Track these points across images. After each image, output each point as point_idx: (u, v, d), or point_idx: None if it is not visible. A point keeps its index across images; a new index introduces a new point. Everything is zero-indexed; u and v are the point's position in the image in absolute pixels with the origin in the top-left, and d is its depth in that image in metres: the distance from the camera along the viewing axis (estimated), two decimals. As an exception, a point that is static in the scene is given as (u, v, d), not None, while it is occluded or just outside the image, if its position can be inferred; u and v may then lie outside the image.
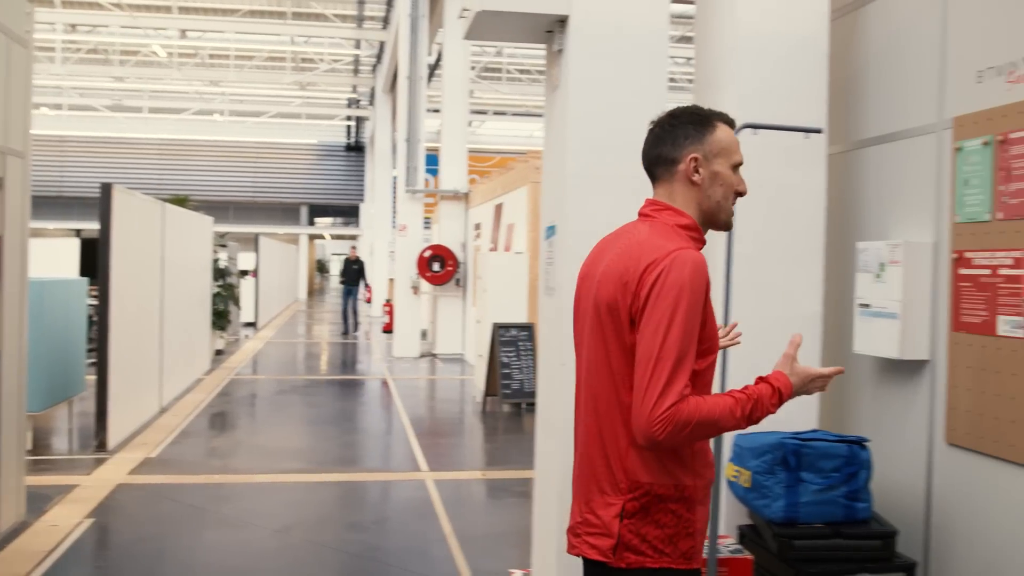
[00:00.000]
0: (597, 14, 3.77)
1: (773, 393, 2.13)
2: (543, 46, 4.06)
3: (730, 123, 2.32)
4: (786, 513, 3.32)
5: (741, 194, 2.31)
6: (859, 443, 3.42)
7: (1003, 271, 3.17)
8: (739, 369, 3.39)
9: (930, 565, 3.52)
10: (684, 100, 4.17)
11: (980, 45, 3.34)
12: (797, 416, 3.70)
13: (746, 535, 3.74)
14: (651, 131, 2.38)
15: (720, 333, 2.56)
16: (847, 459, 3.36)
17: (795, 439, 3.37)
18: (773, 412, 2.14)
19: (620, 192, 3.84)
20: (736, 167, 2.29)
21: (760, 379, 2.17)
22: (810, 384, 2.20)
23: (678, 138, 2.29)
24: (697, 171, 2.26)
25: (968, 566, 3.32)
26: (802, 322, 3.88)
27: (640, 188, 3.91)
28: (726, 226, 2.33)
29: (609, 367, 2.20)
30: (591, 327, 2.26)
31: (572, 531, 2.29)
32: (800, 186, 3.94)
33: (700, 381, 2.16)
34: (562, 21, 3.80)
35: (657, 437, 2.04)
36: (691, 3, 4.51)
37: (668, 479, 2.15)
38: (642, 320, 2.10)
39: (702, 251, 2.23)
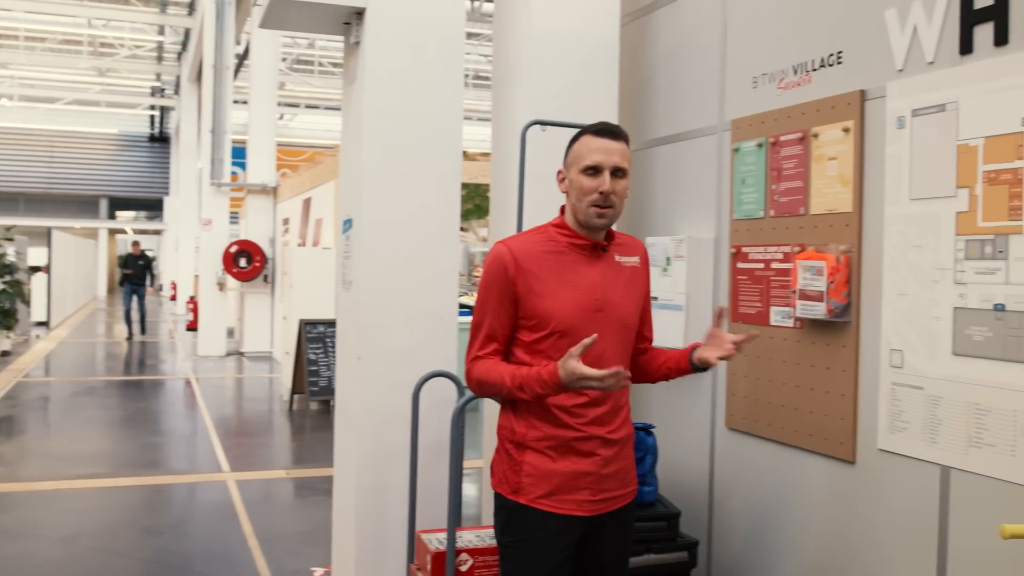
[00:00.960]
0: (394, 7, 3.75)
1: (538, 378, 2.45)
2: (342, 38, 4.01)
3: (597, 132, 2.57)
4: (578, 499, 3.41)
5: (604, 194, 2.51)
6: (645, 430, 3.56)
7: (774, 265, 3.38)
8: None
9: (713, 542, 3.72)
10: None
11: (755, 53, 3.55)
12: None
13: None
14: None
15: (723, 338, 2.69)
16: (634, 445, 3.48)
17: (586, 427, 3.47)
18: (546, 393, 2.45)
19: (418, 186, 3.85)
20: (586, 171, 2.54)
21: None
22: (578, 382, 2.37)
23: None
24: (562, 182, 2.65)
25: (745, 541, 3.53)
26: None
27: (440, 181, 3.94)
28: (587, 225, 2.58)
29: None
30: None
31: None
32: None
33: (542, 353, 2.53)
34: (359, 13, 3.77)
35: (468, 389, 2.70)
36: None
37: (507, 423, 2.63)
38: None
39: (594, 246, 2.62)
